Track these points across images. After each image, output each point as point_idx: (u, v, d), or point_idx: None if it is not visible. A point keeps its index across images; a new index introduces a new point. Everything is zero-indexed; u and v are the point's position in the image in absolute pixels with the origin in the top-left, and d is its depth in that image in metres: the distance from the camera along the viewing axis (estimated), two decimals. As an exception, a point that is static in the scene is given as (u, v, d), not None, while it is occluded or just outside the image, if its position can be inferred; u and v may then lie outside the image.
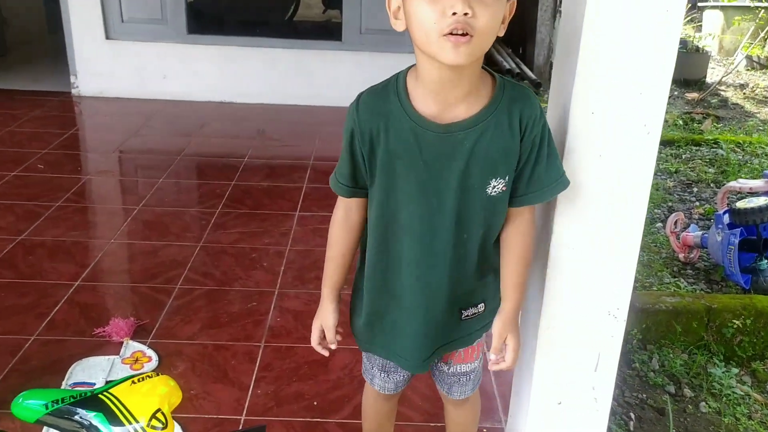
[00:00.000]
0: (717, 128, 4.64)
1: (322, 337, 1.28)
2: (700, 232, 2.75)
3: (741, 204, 2.54)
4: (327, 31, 5.99)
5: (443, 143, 1.05)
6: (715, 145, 4.13)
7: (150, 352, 2.01)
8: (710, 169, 3.78)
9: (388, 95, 1.07)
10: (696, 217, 3.22)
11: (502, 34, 1.00)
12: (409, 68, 1.09)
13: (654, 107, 1.17)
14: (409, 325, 1.20)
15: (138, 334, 2.08)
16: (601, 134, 1.19)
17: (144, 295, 2.31)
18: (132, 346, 2.03)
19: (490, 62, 5.88)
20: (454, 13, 0.91)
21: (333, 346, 1.29)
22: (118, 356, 1.98)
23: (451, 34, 0.92)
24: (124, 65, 4.48)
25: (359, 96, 1.11)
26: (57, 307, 2.19)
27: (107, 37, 4.43)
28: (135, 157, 3.67)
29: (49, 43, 5.80)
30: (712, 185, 3.59)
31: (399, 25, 1.03)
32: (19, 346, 1.99)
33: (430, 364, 1.27)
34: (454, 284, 1.16)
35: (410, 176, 1.07)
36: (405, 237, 1.12)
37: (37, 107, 4.25)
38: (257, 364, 1.98)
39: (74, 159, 3.51)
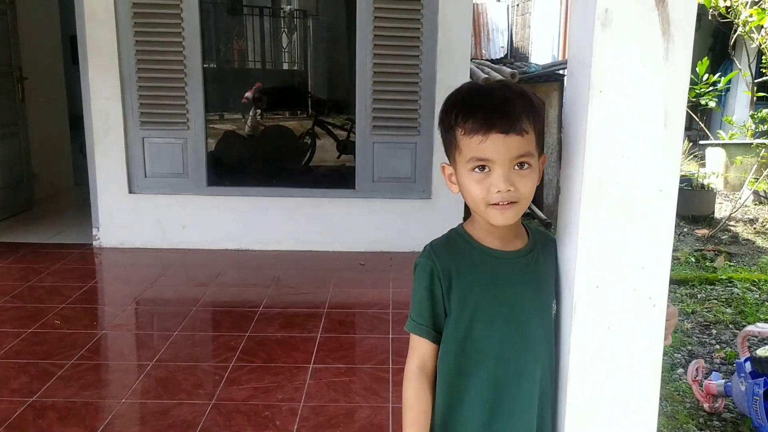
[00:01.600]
0: (730, 265, 4.63)
1: None
2: (723, 381, 2.68)
3: (761, 352, 2.49)
4: (341, 178, 6.24)
5: (513, 268, 1.21)
6: (730, 284, 4.11)
7: None
8: (727, 310, 3.74)
9: (455, 241, 1.25)
10: (717, 361, 3.14)
11: (538, 183, 1.19)
12: (461, 224, 1.28)
13: (658, 280, 1.19)
14: None
15: (145, 506, 2.00)
16: (606, 308, 1.20)
17: (153, 460, 2.25)
18: None
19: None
20: (498, 191, 1.12)
21: None
22: None
23: (498, 204, 1.13)
24: (145, 217, 4.65)
25: (429, 244, 1.25)
26: (63, 476, 2.13)
27: (130, 191, 4.63)
28: (151, 309, 3.71)
29: (75, 197, 6.07)
30: (730, 326, 3.54)
31: (454, 189, 1.22)
32: None
33: None
34: (537, 415, 1.24)
35: (491, 305, 1.20)
36: (485, 363, 1.20)
37: (58, 260, 4.36)
38: None
39: (91, 313, 3.55)
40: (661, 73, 1.14)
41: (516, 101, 1.13)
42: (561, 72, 6.36)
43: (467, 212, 1.31)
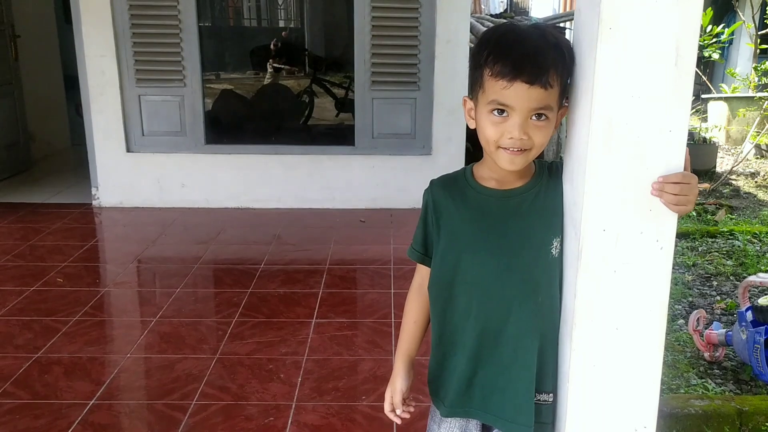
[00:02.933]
0: (731, 218, 4.63)
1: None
2: (724, 330, 2.69)
3: (763, 301, 2.50)
4: (340, 136, 6.18)
5: (503, 206, 1.23)
6: (731, 237, 4.11)
7: (164, 476, 1.95)
8: (728, 262, 3.74)
9: (456, 179, 1.29)
10: (718, 312, 3.16)
11: (553, 134, 1.21)
12: (473, 163, 1.31)
13: (665, 222, 1.18)
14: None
15: (153, 456, 2.03)
16: (613, 251, 1.19)
17: (159, 413, 2.27)
18: (146, 470, 1.98)
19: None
20: (511, 138, 1.13)
21: (400, 412, 1.35)
22: (131, 481, 1.93)
23: (508, 149, 1.15)
24: (143, 176, 4.62)
25: (432, 180, 1.32)
26: (71, 429, 2.16)
27: (128, 150, 4.59)
28: (153, 267, 3.71)
29: (72, 157, 6.02)
30: (731, 278, 3.55)
31: (471, 123, 1.23)
32: (31, 472, 1.95)
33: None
34: (533, 354, 1.24)
35: (477, 237, 1.23)
36: (465, 296, 1.24)
37: (58, 220, 4.35)
38: (274, 486, 1.91)
39: (93, 271, 3.56)
40: (674, 10, 1.10)
41: (548, 53, 1.13)
42: (561, 25, 6.25)
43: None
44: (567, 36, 1.42)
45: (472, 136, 5.61)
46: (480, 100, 1.17)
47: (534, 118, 1.13)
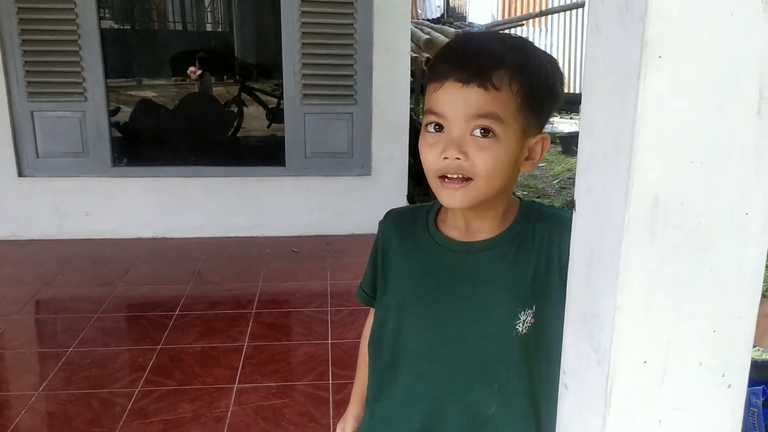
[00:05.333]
0: None
1: None
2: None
3: (756, 354, 2.19)
4: (271, 154, 5.70)
5: (460, 264, 0.97)
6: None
7: None
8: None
9: (417, 215, 1.04)
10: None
11: (529, 170, 0.95)
12: None
13: (735, 349, 0.79)
14: None
15: None
16: (658, 389, 0.79)
17: None
18: None
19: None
20: (446, 158, 0.88)
21: None
22: None
23: (445, 177, 0.89)
24: (39, 204, 4.01)
25: (389, 211, 1.10)
26: None
27: (20, 174, 3.97)
28: (43, 318, 3.14)
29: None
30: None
31: None
32: None
33: None
34: None
35: (423, 299, 0.99)
36: (411, 367, 1.00)
37: (-66, 258, 3.71)
38: None
39: (-32, 327, 2.96)
40: (757, 31, 0.70)
41: (498, 52, 0.89)
42: (509, 31, 5.95)
43: (410, 189, 1.00)
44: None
45: (415, 151, 5.24)
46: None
47: (478, 133, 0.87)
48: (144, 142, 5.36)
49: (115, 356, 2.74)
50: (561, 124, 9.40)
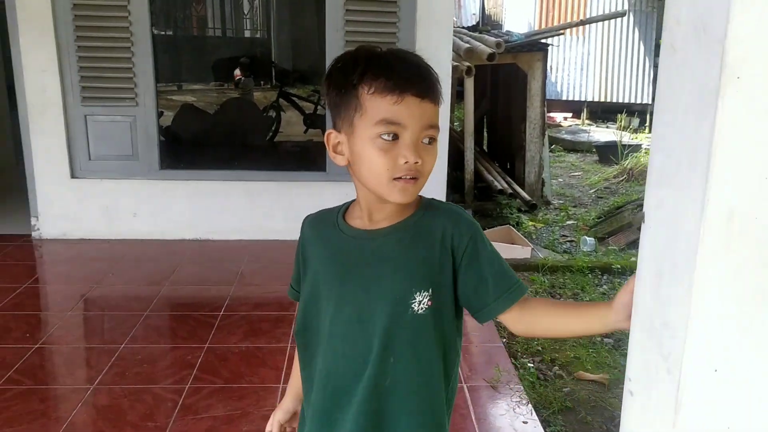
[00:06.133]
0: None
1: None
2: None
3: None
4: (310, 157, 5.78)
5: (363, 249, 1.08)
6: None
7: None
8: None
9: (329, 214, 1.17)
10: None
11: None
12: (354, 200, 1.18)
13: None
14: None
15: None
16: (730, 401, 0.82)
17: None
18: None
19: (479, 181, 5.65)
20: (406, 162, 0.99)
21: None
22: None
23: (401, 178, 1.00)
24: (90, 205, 4.14)
25: (307, 215, 1.21)
26: None
27: (73, 176, 4.11)
28: (95, 316, 3.24)
29: (16, 177, 5.47)
30: None
31: (340, 160, 1.09)
32: None
33: None
34: (372, 420, 1.06)
35: (333, 283, 1.09)
36: (326, 347, 1.10)
37: (-10, 255, 3.85)
38: None
39: (25, 322, 3.07)
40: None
41: (430, 69, 1.04)
42: (545, 41, 5.95)
43: (448, 198, 1.07)
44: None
45: (453, 161, 5.27)
46: (358, 125, 1.02)
47: (426, 140, 1.01)
48: (186, 146, 5.49)
49: (164, 353, 2.82)
50: (597, 132, 9.33)
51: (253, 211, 4.23)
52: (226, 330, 3.01)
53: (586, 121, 10.44)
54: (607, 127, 10.01)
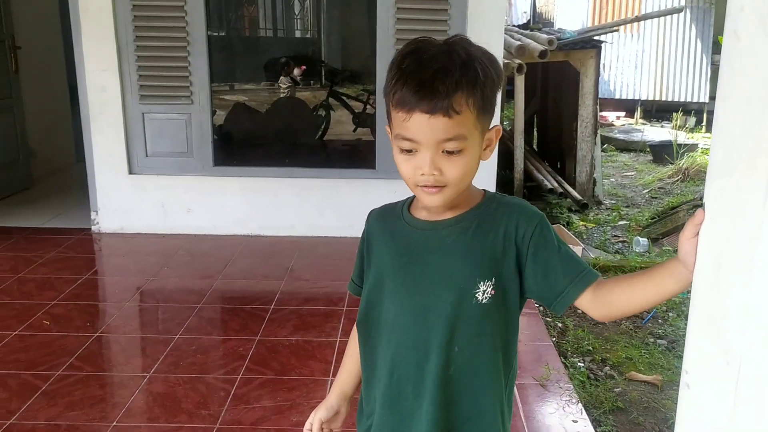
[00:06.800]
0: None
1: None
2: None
3: None
4: (359, 155, 5.82)
5: (428, 240, 1.09)
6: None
7: None
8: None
9: (393, 208, 1.19)
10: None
11: (488, 158, 1.08)
12: None
13: None
14: None
15: None
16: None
17: (145, 504, 1.89)
18: None
19: (528, 180, 5.60)
20: (423, 174, 1.00)
21: None
22: None
23: (425, 185, 1.02)
24: (146, 200, 4.27)
25: (372, 210, 1.23)
26: None
27: (130, 172, 4.25)
28: (151, 307, 3.34)
29: (76, 174, 5.69)
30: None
31: None
32: None
33: None
34: (440, 408, 1.07)
35: (397, 273, 1.10)
36: (389, 337, 1.11)
37: (53, 248, 4.01)
38: None
39: (85, 312, 3.19)
40: None
41: (451, 74, 0.97)
42: (598, 38, 5.85)
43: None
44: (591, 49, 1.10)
45: (503, 162, 5.23)
46: (391, 133, 1.05)
47: (446, 151, 0.99)
48: (239, 144, 5.60)
49: (217, 345, 2.90)
50: (651, 132, 9.12)
51: (304, 208, 4.29)
52: (276, 323, 3.07)
53: (640, 121, 10.21)
54: (662, 126, 9.77)
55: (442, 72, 0.97)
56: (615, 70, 10.36)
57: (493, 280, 1.06)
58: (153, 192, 4.27)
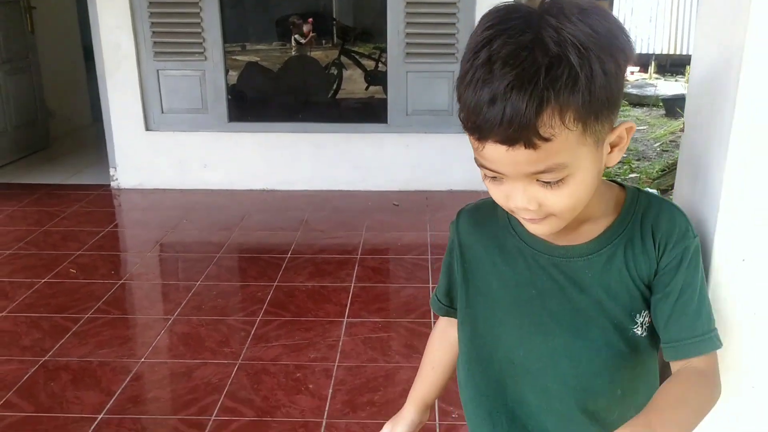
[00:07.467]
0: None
1: None
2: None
3: None
4: (371, 111, 5.86)
5: (560, 271, 0.85)
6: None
7: None
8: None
9: (495, 213, 0.90)
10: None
11: (616, 161, 0.78)
12: None
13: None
14: None
15: (165, 486, 1.79)
16: (754, 286, 0.88)
17: (176, 430, 2.03)
18: (157, 503, 1.74)
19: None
20: (516, 205, 0.77)
21: None
22: None
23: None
24: (163, 156, 4.37)
25: (461, 210, 0.96)
26: (76, 450, 1.93)
27: (147, 129, 4.34)
28: (172, 257, 3.47)
29: (93, 133, 5.79)
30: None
31: None
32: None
33: None
34: None
35: (522, 309, 0.88)
36: (523, 384, 0.90)
37: (75, 203, 4.13)
38: None
39: (109, 261, 3.32)
40: None
41: (533, 83, 0.67)
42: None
43: None
44: None
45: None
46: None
47: (539, 183, 0.74)
48: (253, 102, 5.66)
49: (237, 290, 3.02)
50: (665, 86, 9.06)
51: (318, 162, 4.37)
52: (292, 270, 3.18)
53: (654, 75, 10.11)
54: (676, 80, 9.68)
55: (519, 82, 0.67)
56: (629, 23, 10.23)
57: (648, 309, 0.86)
58: (170, 148, 4.36)
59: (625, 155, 6.05)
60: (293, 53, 7.66)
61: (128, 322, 2.73)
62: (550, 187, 0.73)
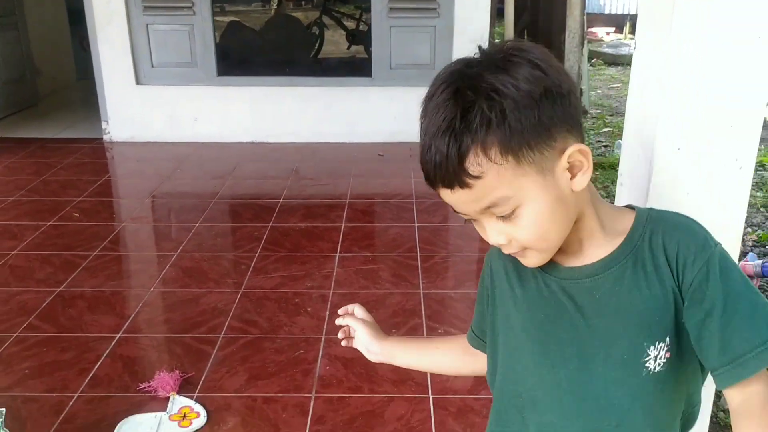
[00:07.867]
0: (760, 150, 4.51)
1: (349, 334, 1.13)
2: (760, 261, 2.62)
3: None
4: (357, 68, 6.00)
5: (568, 293, 0.82)
6: (761, 168, 4.00)
7: (198, 408, 1.93)
8: (758, 194, 3.65)
9: None
10: (750, 244, 3.09)
11: (582, 185, 0.75)
12: None
13: (747, 140, 1.09)
14: None
15: (184, 388, 2.01)
16: (688, 171, 1.10)
17: (187, 346, 2.24)
18: (179, 401, 1.95)
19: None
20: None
21: (341, 320, 1.13)
22: (165, 413, 1.91)
23: None
24: (154, 110, 4.50)
25: None
26: (99, 362, 2.13)
27: (138, 83, 4.46)
28: (169, 202, 3.64)
29: (80, 92, 5.88)
30: (761, 209, 3.46)
31: None
32: (63, 404, 1.93)
33: None
34: None
35: (531, 334, 0.85)
36: (528, 416, 0.86)
37: (69, 155, 4.26)
38: (309, 417, 1.89)
39: (109, 206, 3.49)
40: None
41: (451, 130, 0.71)
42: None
43: None
44: None
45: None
46: None
47: (498, 218, 0.76)
48: (239, 59, 5.76)
49: (234, 230, 3.22)
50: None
51: (306, 114, 4.54)
52: (286, 213, 3.38)
53: (629, 36, 10.33)
54: (650, 41, 9.90)
55: (441, 130, 0.71)
56: (605, -15, 10.41)
57: (667, 339, 0.78)
58: (161, 102, 4.50)
59: (599, 111, 6.28)
60: (273, 13, 7.71)
61: (134, 258, 2.92)
62: (509, 221, 0.75)
